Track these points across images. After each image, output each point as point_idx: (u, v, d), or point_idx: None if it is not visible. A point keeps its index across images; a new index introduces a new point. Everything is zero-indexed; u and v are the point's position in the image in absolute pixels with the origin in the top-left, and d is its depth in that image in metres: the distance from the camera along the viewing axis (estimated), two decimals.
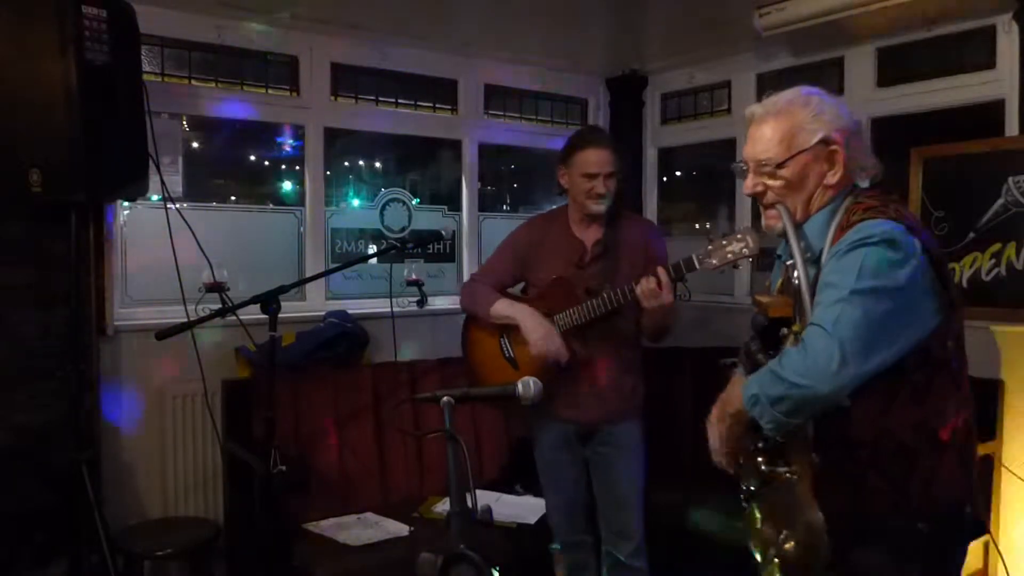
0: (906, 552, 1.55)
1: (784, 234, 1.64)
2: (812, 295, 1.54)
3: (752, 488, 1.64)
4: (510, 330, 2.74)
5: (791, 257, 1.61)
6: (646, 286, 2.36)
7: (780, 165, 1.64)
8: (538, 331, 2.60)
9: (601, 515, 2.80)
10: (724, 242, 2.26)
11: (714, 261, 2.26)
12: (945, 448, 1.55)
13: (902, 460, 1.53)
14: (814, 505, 1.46)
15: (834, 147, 1.62)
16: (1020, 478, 2.84)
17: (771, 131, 1.66)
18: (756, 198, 1.73)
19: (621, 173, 2.70)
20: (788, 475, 1.53)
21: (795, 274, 1.58)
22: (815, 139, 1.62)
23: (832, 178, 1.64)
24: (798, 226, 1.65)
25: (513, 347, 2.74)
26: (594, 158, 2.61)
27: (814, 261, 1.62)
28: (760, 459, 1.59)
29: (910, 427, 1.52)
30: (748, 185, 1.71)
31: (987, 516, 2.90)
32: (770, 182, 1.67)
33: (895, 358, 1.47)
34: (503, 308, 2.70)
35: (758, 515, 1.64)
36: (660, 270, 2.36)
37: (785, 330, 1.56)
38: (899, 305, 1.46)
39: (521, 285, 2.88)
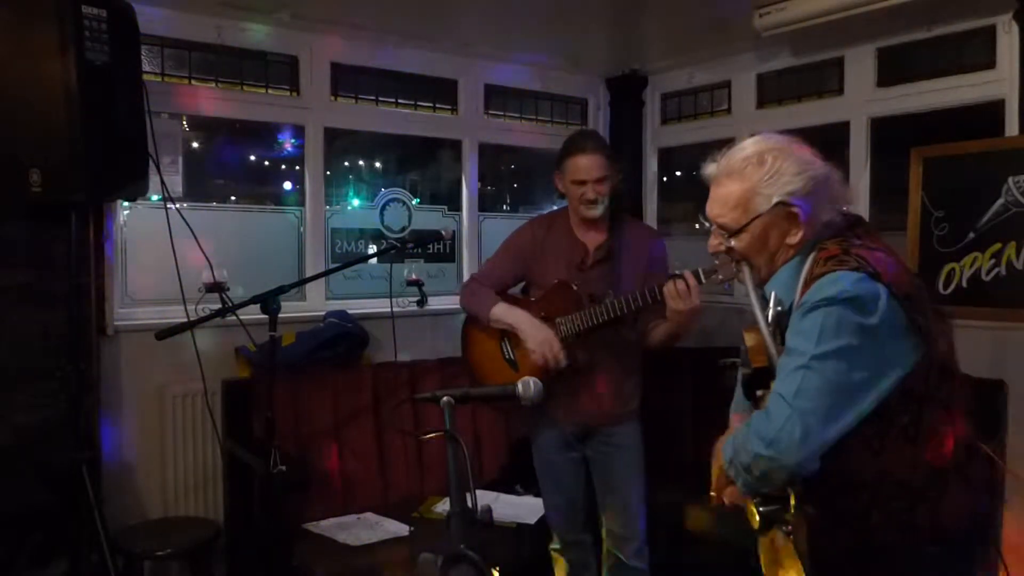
0: (921, 573, 1.54)
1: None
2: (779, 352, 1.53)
3: (755, 528, 1.62)
4: (511, 333, 2.74)
5: (771, 308, 1.58)
6: (673, 287, 2.32)
7: (736, 232, 1.62)
8: (536, 337, 2.59)
9: (602, 516, 2.81)
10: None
11: (720, 276, 2.26)
12: (947, 476, 1.52)
13: (905, 497, 1.50)
14: (800, 564, 1.46)
15: (793, 210, 1.57)
16: (1021, 478, 2.84)
17: (727, 195, 1.62)
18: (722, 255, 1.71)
19: (618, 175, 2.69)
20: (784, 527, 1.52)
21: (761, 330, 1.56)
22: (770, 204, 1.57)
23: (793, 239, 1.59)
24: (762, 285, 1.64)
25: (514, 349, 2.74)
26: (583, 163, 2.60)
27: (786, 312, 1.59)
28: (756, 500, 1.56)
29: (907, 465, 1.49)
30: (712, 245, 1.69)
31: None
32: (730, 246, 1.65)
33: (864, 413, 1.45)
34: (502, 313, 2.69)
35: (763, 559, 1.63)
36: (688, 274, 2.33)
37: (761, 392, 1.55)
38: (860, 363, 1.43)
39: (522, 284, 2.88)
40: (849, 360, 1.43)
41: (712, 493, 1.74)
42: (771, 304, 1.59)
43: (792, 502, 1.50)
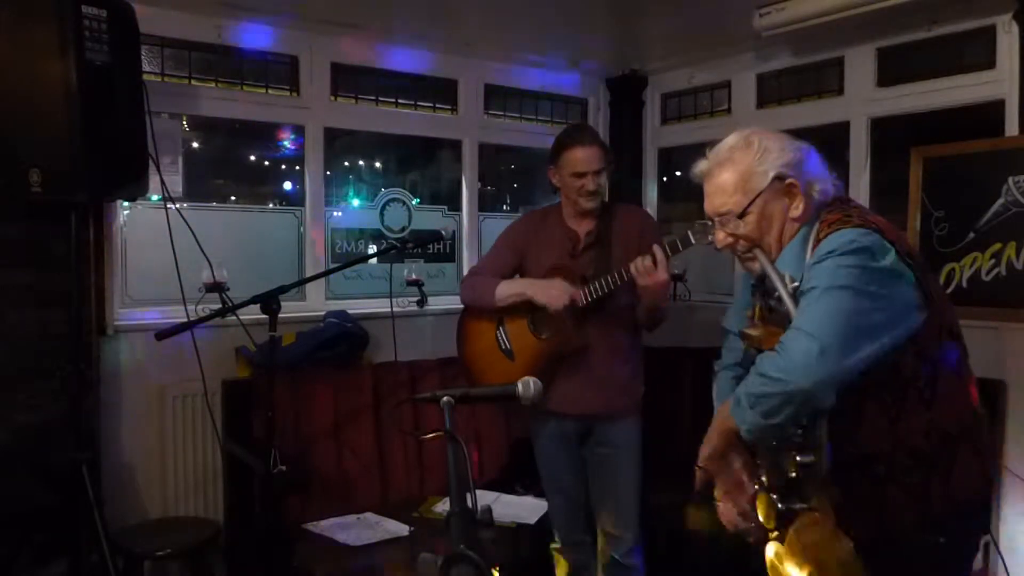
0: (927, 565, 1.56)
1: (764, 276, 1.62)
2: None
3: (770, 527, 1.59)
4: (506, 322, 2.77)
5: (777, 292, 1.56)
6: (640, 264, 2.37)
7: (743, 214, 1.65)
8: (544, 290, 2.61)
9: (597, 514, 2.81)
10: None
11: (709, 237, 2.26)
12: (957, 443, 1.55)
13: (919, 466, 1.52)
14: (843, 539, 1.43)
15: (789, 181, 1.63)
16: (1021, 478, 2.84)
17: (724, 183, 1.67)
18: (729, 249, 1.72)
19: (611, 166, 2.72)
20: (810, 512, 1.49)
21: (784, 309, 1.55)
22: (768, 179, 1.63)
23: (795, 211, 1.65)
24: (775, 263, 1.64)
25: (510, 339, 2.76)
26: (581, 156, 2.63)
27: (798, 290, 1.59)
28: (774, 496, 1.56)
29: (921, 432, 1.52)
30: (719, 239, 1.72)
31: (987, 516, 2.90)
32: (738, 231, 1.67)
33: (881, 354, 1.46)
34: (506, 287, 2.72)
35: (781, 557, 1.57)
36: (656, 248, 2.37)
37: None
38: (876, 303, 1.46)
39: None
40: (863, 297, 1.45)
41: (699, 465, 1.73)
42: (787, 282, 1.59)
43: (815, 488, 1.49)
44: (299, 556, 2.84)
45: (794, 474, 1.50)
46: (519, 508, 3.22)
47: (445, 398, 1.59)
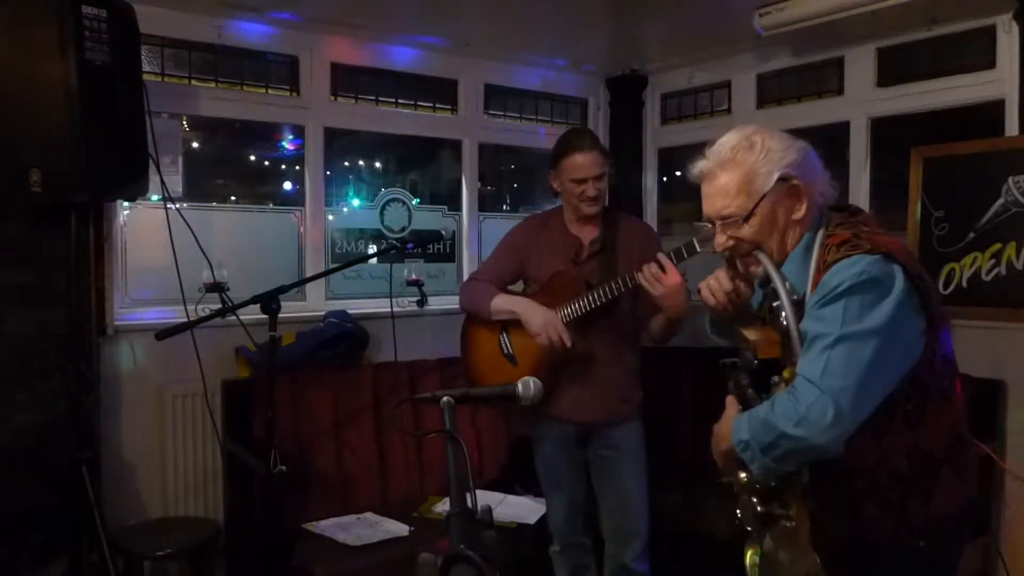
0: (907, 570, 1.54)
1: (767, 279, 1.59)
2: (800, 339, 1.50)
3: (749, 528, 1.60)
4: (509, 327, 2.75)
5: (778, 299, 1.54)
6: (648, 271, 2.35)
7: (747, 218, 1.60)
8: (538, 320, 2.60)
9: (604, 519, 2.80)
10: None
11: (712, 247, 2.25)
12: (940, 464, 1.53)
13: (898, 486, 1.51)
14: (812, 553, 1.43)
15: (794, 182, 1.58)
16: (1021, 478, 2.84)
17: (726, 185, 1.61)
18: (730, 252, 1.68)
19: (612, 170, 2.71)
20: (786, 521, 1.50)
21: (783, 315, 1.52)
22: (772, 180, 1.57)
23: (799, 213, 1.60)
24: (778, 267, 1.60)
25: (512, 344, 2.75)
26: (581, 162, 2.61)
27: (797, 303, 1.56)
28: (754, 499, 1.55)
29: (904, 453, 1.50)
30: (719, 243, 1.66)
31: (987, 516, 2.90)
32: (740, 234, 1.62)
33: (888, 394, 1.45)
34: (503, 303, 2.71)
35: (756, 560, 1.60)
36: (660, 255, 2.35)
37: (776, 378, 1.52)
38: (886, 343, 1.42)
39: (521, 284, 2.88)
40: (875, 339, 1.42)
41: (725, 479, 1.71)
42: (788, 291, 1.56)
43: (794, 496, 1.49)
44: (299, 556, 2.84)
45: (774, 483, 1.51)
46: (519, 508, 3.22)
47: (445, 398, 1.59)
